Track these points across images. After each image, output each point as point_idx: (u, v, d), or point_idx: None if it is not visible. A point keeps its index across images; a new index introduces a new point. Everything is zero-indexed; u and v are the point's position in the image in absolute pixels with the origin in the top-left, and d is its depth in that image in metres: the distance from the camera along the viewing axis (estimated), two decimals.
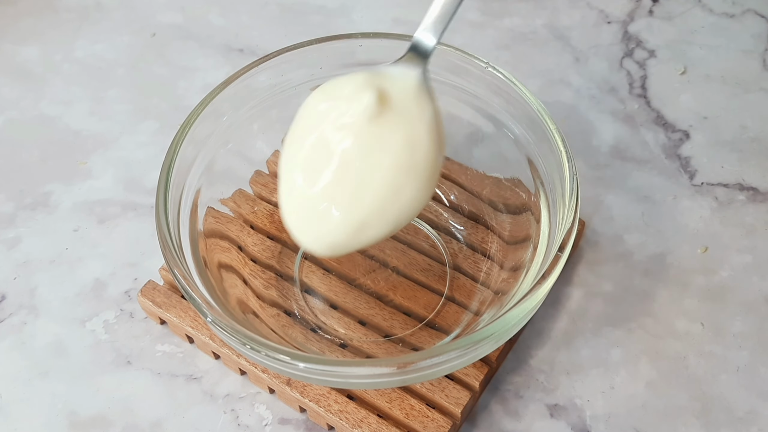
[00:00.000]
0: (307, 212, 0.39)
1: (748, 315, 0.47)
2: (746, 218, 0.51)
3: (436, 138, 0.38)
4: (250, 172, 0.49)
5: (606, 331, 0.47)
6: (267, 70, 0.45)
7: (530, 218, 0.45)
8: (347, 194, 0.38)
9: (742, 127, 0.56)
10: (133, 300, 0.48)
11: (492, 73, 0.45)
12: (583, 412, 0.44)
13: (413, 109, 0.38)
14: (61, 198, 0.53)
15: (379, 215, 0.38)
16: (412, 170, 0.38)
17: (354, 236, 0.38)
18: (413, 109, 0.38)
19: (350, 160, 0.37)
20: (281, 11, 0.64)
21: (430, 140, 0.38)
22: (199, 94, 0.45)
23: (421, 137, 0.38)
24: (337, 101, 0.38)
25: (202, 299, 0.38)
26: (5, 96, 0.58)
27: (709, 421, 0.43)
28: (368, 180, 0.37)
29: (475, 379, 0.42)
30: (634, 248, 0.50)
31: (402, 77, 0.39)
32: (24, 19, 0.63)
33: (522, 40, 0.61)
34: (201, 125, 0.43)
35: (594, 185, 0.52)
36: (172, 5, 0.64)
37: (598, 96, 0.58)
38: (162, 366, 0.46)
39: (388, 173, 0.37)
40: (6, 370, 0.46)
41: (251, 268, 0.46)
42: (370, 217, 0.38)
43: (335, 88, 0.39)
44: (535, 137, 0.44)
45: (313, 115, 0.39)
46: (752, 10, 0.62)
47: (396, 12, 0.63)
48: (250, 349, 0.37)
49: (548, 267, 0.38)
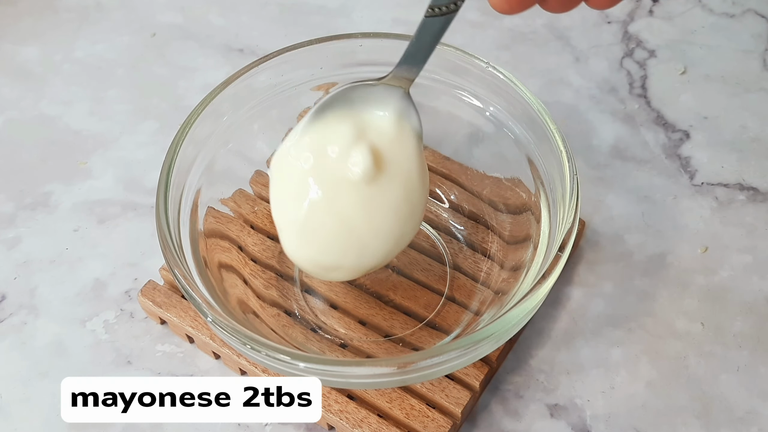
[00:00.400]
0: (315, 268, 0.41)
1: (749, 315, 0.47)
2: (746, 218, 0.51)
3: (423, 169, 0.41)
4: (250, 172, 0.49)
5: (606, 331, 0.47)
6: (267, 70, 0.45)
7: (530, 218, 0.45)
8: (354, 252, 0.40)
9: (742, 127, 0.56)
10: (133, 300, 0.48)
11: (492, 73, 0.45)
12: (583, 411, 0.44)
13: (404, 151, 0.40)
14: (61, 198, 0.53)
15: (383, 258, 0.41)
16: (411, 213, 0.40)
17: (357, 274, 0.42)
18: (404, 151, 0.40)
19: (354, 220, 0.39)
20: (281, 11, 0.64)
21: (420, 178, 0.40)
22: (199, 94, 0.45)
23: (414, 180, 0.40)
24: (326, 160, 0.40)
25: (202, 299, 0.38)
26: (5, 96, 0.58)
27: (709, 420, 0.43)
28: (373, 234, 0.40)
29: (475, 379, 0.42)
30: (635, 248, 0.50)
31: (385, 109, 0.40)
32: (24, 19, 0.63)
33: (522, 40, 0.61)
34: (201, 125, 0.43)
35: (594, 185, 0.52)
36: (172, 5, 0.64)
37: (599, 96, 0.58)
38: (162, 366, 0.46)
39: (394, 225, 0.40)
40: (6, 370, 0.46)
41: (251, 268, 0.46)
42: (376, 261, 0.41)
43: (320, 143, 0.40)
44: (535, 137, 0.44)
45: (301, 172, 0.40)
46: (752, 10, 0.62)
47: (396, 12, 0.63)
48: (251, 349, 0.37)
49: (548, 267, 0.38)
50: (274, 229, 0.48)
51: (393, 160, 0.40)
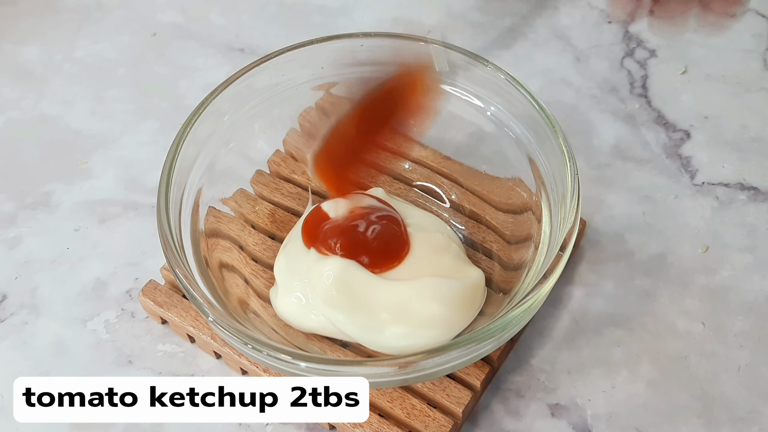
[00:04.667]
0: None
1: (749, 314, 0.47)
2: (747, 218, 0.51)
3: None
4: (251, 172, 0.49)
5: (607, 330, 0.47)
6: (268, 70, 0.45)
7: (531, 218, 0.45)
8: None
9: (742, 127, 0.56)
10: (134, 299, 0.48)
11: (493, 72, 0.45)
12: (584, 411, 0.44)
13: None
14: (62, 198, 0.53)
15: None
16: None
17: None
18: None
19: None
20: (282, 11, 0.64)
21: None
22: (200, 93, 0.45)
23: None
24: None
25: (203, 299, 0.38)
26: (6, 96, 0.58)
27: (710, 420, 0.43)
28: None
29: (476, 378, 0.42)
30: (635, 248, 0.50)
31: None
32: (25, 19, 0.63)
33: (522, 39, 0.61)
34: (202, 125, 0.43)
35: (595, 185, 0.52)
36: (173, 5, 0.64)
37: (599, 96, 0.58)
38: (163, 366, 0.46)
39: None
40: (7, 370, 0.46)
41: (252, 267, 0.46)
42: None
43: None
44: (536, 137, 0.44)
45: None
46: (753, 10, 0.62)
47: (396, 12, 0.63)
48: (252, 348, 0.37)
49: (549, 266, 0.38)
50: (275, 229, 0.48)
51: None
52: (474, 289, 0.43)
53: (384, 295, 0.41)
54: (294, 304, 0.43)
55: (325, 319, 0.42)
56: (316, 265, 0.42)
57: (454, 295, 0.42)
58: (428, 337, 0.41)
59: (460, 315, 0.42)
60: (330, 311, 0.41)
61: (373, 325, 0.41)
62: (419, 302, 0.41)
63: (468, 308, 0.42)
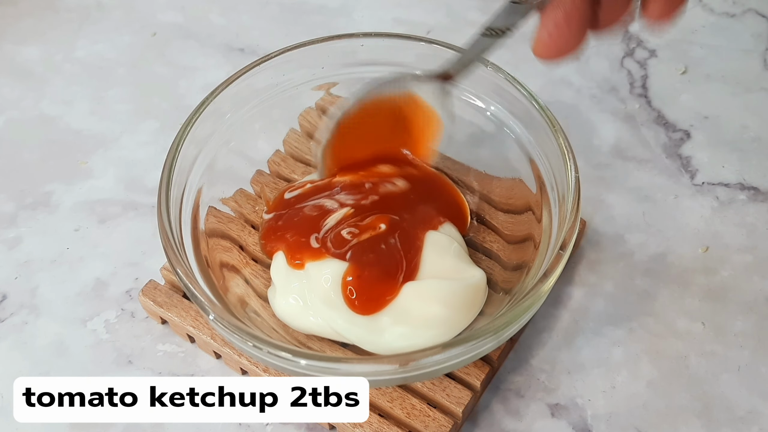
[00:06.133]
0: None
1: (749, 314, 0.47)
2: (747, 218, 0.51)
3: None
4: (251, 172, 0.49)
5: (607, 330, 0.47)
6: (268, 70, 0.45)
7: (531, 218, 0.45)
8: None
9: (742, 127, 0.56)
10: (134, 299, 0.48)
11: (493, 72, 0.45)
12: (584, 411, 0.44)
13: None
14: (61, 198, 0.53)
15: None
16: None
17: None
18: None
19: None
20: (282, 11, 0.64)
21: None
22: (200, 93, 0.45)
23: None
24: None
25: (204, 297, 0.38)
26: (6, 96, 0.58)
27: (710, 420, 0.43)
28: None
29: (476, 378, 0.42)
30: (635, 248, 0.50)
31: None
32: (24, 19, 0.63)
33: (523, 39, 0.61)
34: (202, 124, 0.43)
35: (595, 185, 0.52)
36: (173, 5, 0.64)
37: (599, 96, 0.58)
38: (163, 366, 0.46)
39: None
40: (7, 370, 0.46)
41: (252, 267, 0.46)
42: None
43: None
44: (536, 137, 0.44)
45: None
46: (753, 10, 0.62)
47: (397, 12, 0.63)
48: (252, 346, 0.37)
49: (549, 266, 0.38)
50: None
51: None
52: (475, 290, 0.43)
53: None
54: (292, 306, 0.43)
55: (323, 321, 0.42)
56: (315, 268, 0.42)
57: (455, 297, 0.42)
58: (429, 337, 0.41)
59: (461, 315, 0.42)
60: (329, 313, 0.41)
61: (374, 327, 0.41)
62: (420, 303, 0.41)
63: (469, 309, 0.42)
